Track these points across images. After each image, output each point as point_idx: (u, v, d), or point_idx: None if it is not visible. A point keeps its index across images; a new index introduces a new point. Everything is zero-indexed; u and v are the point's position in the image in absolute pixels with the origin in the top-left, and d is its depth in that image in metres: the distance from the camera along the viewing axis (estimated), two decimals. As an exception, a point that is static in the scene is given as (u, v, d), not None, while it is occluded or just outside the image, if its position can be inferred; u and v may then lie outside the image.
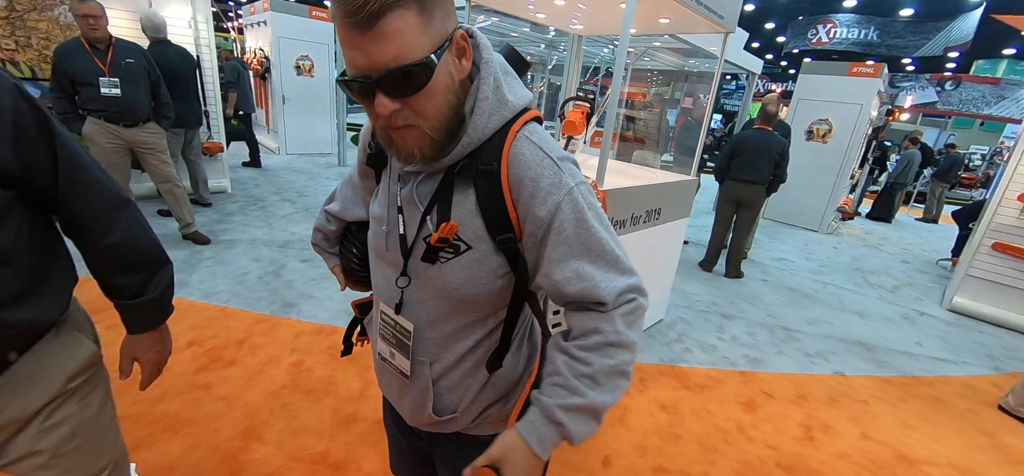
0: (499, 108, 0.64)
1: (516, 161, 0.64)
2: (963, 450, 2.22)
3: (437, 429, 0.81)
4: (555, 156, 0.65)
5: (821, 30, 11.92)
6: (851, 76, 6.03)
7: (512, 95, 0.66)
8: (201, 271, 3.03)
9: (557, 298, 0.68)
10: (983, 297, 3.98)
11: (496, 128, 0.64)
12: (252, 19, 7.47)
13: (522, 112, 0.67)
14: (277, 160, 6.87)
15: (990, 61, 13.75)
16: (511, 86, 0.67)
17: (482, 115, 0.63)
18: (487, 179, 0.64)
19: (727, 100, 17.78)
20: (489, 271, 0.67)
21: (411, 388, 0.78)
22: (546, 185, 0.63)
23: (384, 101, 0.56)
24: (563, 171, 0.64)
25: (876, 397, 2.57)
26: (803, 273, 4.60)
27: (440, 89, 0.59)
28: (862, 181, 7.98)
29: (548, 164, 0.64)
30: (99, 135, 2.86)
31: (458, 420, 0.78)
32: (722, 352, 2.83)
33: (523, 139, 0.65)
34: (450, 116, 0.61)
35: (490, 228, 0.66)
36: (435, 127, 0.60)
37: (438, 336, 0.73)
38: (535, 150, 0.64)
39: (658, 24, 2.64)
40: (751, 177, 3.84)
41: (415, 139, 0.61)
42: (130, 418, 1.77)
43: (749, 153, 3.82)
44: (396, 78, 0.55)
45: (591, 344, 0.64)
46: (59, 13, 3.62)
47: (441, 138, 0.62)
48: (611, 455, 1.89)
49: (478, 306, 0.71)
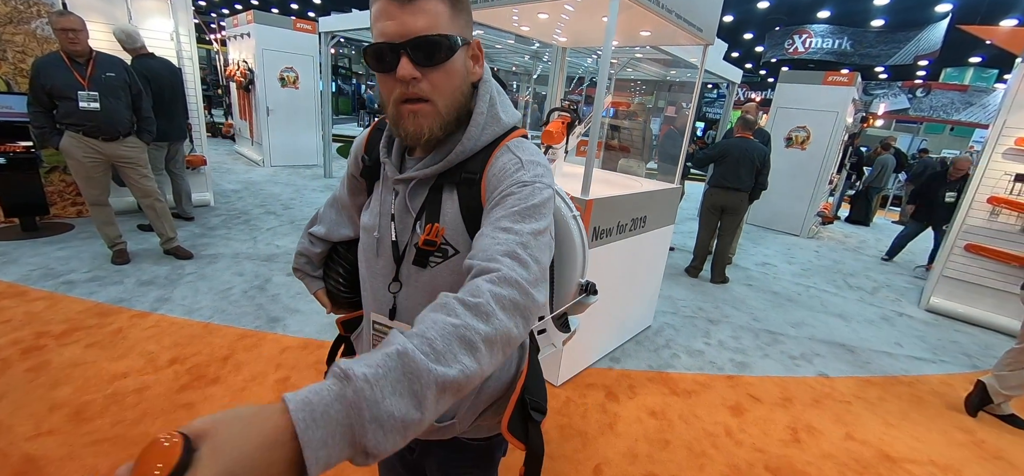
0: (492, 123, 0.70)
1: (493, 169, 0.68)
2: (943, 447, 2.28)
3: (435, 436, 0.81)
4: (525, 158, 0.69)
5: (797, 40, 12.28)
6: (827, 85, 6.22)
7: (504, 114, 0.73)
8: (183, 287, 2.97)
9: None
10: (958, 297, 4.11)
11: (488, 141, 0.70)
12: (235, 31, 7.41)
13: (511, 130, 0.73)
14: (261, 173, 6.79)
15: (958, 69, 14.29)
16: (504, 105, 0.73)
17: (477, 127, 0.69)
18: (469, 185, 0.69)
19: (709, 108, 18.14)
20: None
21: None
22: (504, 176, 0.67)
23: (407, 65, 0.61)
24: (525, 168, 0.67)
25: (858, 397, 2.62)
26: (786, 277, 4.70)
27: (458, 72, 0.66)
28: (840, 186, 8.20)
29: (514, 161, 0.68)
30: (77, 149, 2.80)
31: (456, 426, 0.79)
32: (709, 357, 2.87)
33: (504, 150, 0.70)
34: (461, 104, 0.68)
35: (471, 231, 0.69)
36: (447, 106, 0.66)
37: None
38: (511, 156, 0.69)
39: (639, 36, 2.70)
40: (734, 184, 3.92)
41: (426, 115, 0.65)
42: (108, 440, 1.72)
43: (731, 160, 3.90)
44: (423, 45, 0.61)
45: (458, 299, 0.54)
46: (36, 26, 3.55)
47: (450, 121, 0.67)
48: (601, 463, 1.89)
49: None
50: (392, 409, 0.41)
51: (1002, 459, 2.23)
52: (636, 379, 2.52)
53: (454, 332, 0.47)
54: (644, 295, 2.95)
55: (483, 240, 0.60)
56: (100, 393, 1.95)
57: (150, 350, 2.28)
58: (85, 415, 1.82)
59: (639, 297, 2.89)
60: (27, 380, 1.98)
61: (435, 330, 0.47)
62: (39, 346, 2.21)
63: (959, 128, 13.95)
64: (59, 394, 1.92)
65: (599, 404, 2.27)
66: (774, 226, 6.83)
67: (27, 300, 2.60)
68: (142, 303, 2.71)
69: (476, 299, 0.51)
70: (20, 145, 3.32)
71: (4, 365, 2.05)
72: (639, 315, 2.99)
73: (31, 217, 3.53)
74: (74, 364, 2.11)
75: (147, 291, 2.86)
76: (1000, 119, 3.81)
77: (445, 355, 0.46)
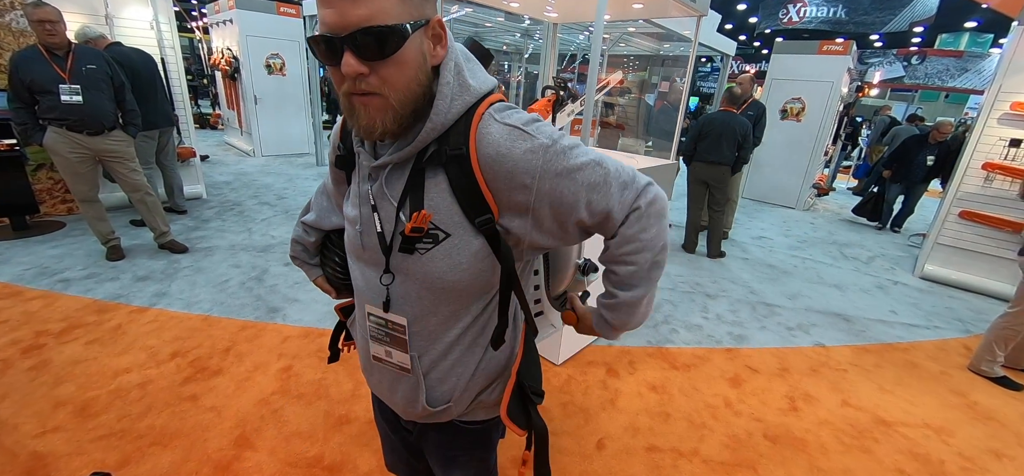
0: (461, 92, 0.64)
1: (484, 141, 0.63)
2: (936, 409, 2.33)
3: (432, 420, 0.81)
4: (521, 124, 0.64)
5: (791, 9, 12.10)
6: (821, 54, 6.16)
7: (474, 80, 0.66)
8: (180, 281, 2.95)
9: (586, 234, 0.74)
10: (952, 264, 4.15)
11: (460, 112, 0.64)
12: (217, 18, 7.22)
13: (485, 96, 0.67)
14: (253, 163, 6.70)
15: (953, 35, 14.19)
16: (473, 71, 0.67)
17: (444, 99, 0.63)
18: (457, 163, 0.64)
19: (703, 82, 17.98)
20: (470, 256, 0.67)
21: (402, 383, 0.78)
22: (521, 160, 0.63)
23: (351, 61, 0.56)
24: (532, 134, 0.64)
25: (854, 365, 2.67)
26: (782, 249, 4.73)
27: (410, 63, 0.59)
28: (836, 157, 8.18)
29: (517, 136, 0.63)
30: (61, 145, 2.74)
31: (452, 409, 0.79)
32: (707, 331, 2.90)
33: (488, 118, 0.65)
34: (418, 94, 0.62)
35: (466, 211, 0.65)
36: (401, 100, 0.60)
37: (424, 329, 0.73)
38: (501, 128, 0.64)
39: (632, 9, 2.66)
40: (715, 158, 3.93)
41: (378, 109, 0.60)
42: (114, 435, 1.73)
43: (713, 135, 3.90)
44: (366, 40, 0.55)
45: (614, 256, 0.72)
46: (11, 18, 3.44)
47: (405, 113, 0.62)
48: (604, 438, 1.93)
49: (462, 294, 0.71)
50: (618, 320, 0.78)
51: (994, 420, 2.29)
52: (636, 355, 2.55)
53: (637, 271, 0.72)
54: (642, 272, 2.95)
55: (582, 213, 0.68)
56: (104, 389, 1.95)
57: (151, 345, 2.28)
58: (90, 411, 1.83)
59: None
60: (29, 379, 1.98)
61: (629, 276, 0.73)
62: (39, 345, 2.20)
63: (954, 95, 13.92)
64: (62, 391, 1.92)
65: (600, 381, 2.29)
66: (770, 199, 6.84)
67: (23, 299, 2.59)
68: (140, 298, 2.70)
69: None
70: (4, 143, 3.25)
71: (5, 365, 2.05)
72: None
73: (21, 216, 3.48)
74: (75, 361, 2.11)
75: (144, 286, 2.84)
76: (996, 84, 3.80)
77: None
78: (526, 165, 0.63)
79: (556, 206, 0.66)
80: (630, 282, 0.72)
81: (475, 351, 0.76)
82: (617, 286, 0.74)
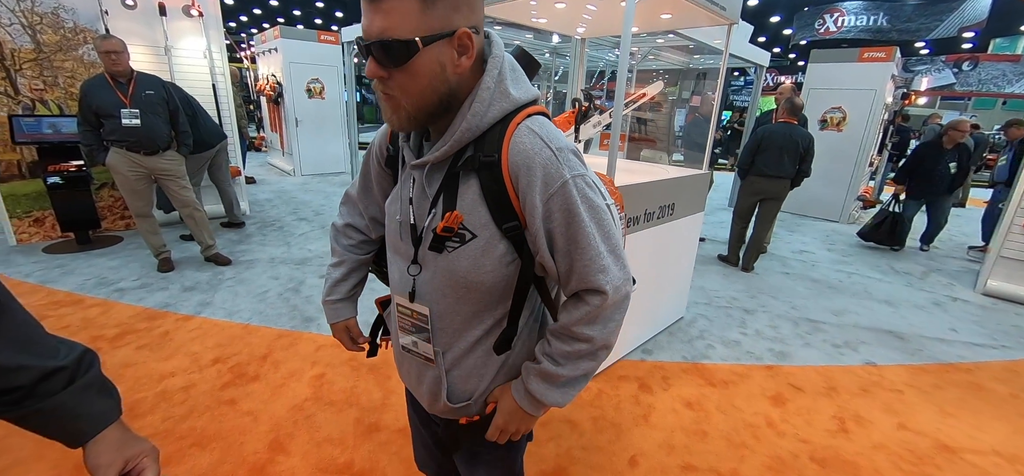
0: (500, 99, 0.66)
1: (515, 150, 0.65)
2: (1008, 436, 2.12)
3: (452, 415, 0.82)
4: (554, 146, 0.66)
5: (828, 20, 11.76)
6: (862, 62, 5.92)
7: (515, 88, 0.68)
8: (223, 291, 3.09)
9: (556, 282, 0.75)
10: (1017, 279, 3.82)
11: (496, 118, 0.66)
12: (264, 47, 7.70)
13: (526, 106, 0.69)
14: (293, 182, 7.02)
15: (1008, 39, 13.36)
16: (516, 80, 0.69)
17: (482, 103, 0.65)
18: (489, 169, 0.66)
19: (735, 96, 17.58)
20: (496, 258, 0.69)
21: (428, 374, 0.80)
22: (542, 175, 0.65)
23: (372, 65, 0.62)
24: (562, 162, 0.65)
25: (910, 386, 2.48)
26: (825, 264, 4.49)
27: (424, 74, 0.62)
28: (882, 168, 7.76)
29: (547, 154, 0.65)
30: (122, 164, 2.97)
31: (471, 407, 0.80)
32: (746, 347, 2.77)
33: (524, 129, 0.66)
34: (433, 102, 0.64)
35: (495, 216, 0.67)
36: (413, 105, 0.64)
37: (448, 326, 0.75)
38: (535, 139, 0.66)
39: (660, 21, 2.64)
40: (775, 172, 3.77)
41: (396, 110, 0.66)
42: (159, 435, 1.81)
43: (774, 148, 3.75)
44: (380, 50, 0.60)
45: (556, 331, 0.74)
46: (83, 52, 3.78)
47: (419, 117, 0.66)
48: (637, 454, 1.85)
49: (486, 293, 0.72)
50: (541, 392, 0.75)
51: (1077, 448, 2.06)
52: (670, 370, 2.46)
53: (571, 354, 0.74)
54: (675, 285, 2.87)
55: (559, 259, 0.70)
56: (150, 391, 2.05)
57: (195, 350, 2.38)
58: (137, 412, 1.92)
59: (670, 287, 2.82)
60: (85, 381, 2.10)
61: (561, 356, 0.74)
62: (95, 349, 2.33)
63: (1013, 101, 13.02)
64: (113, 393, 2.03)
65: (632, 396, 2.22)
66: (810, 212, 6.54)
67: (83, 307, 2.77)
68: (186, 307, 2.84)
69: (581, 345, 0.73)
70: (73, 164, 3.55)
71: (64, 367, 2.18)
72: (671, 306, 2.92)
73: (85, 231, 3.76)
74: (126, 365, 2.23)
75: (190, 296, 2.99)
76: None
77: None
78: (543, 184, 0.65)
79: (549, 234, 0.68)
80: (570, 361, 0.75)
81: (497, 355, 0.78)
82: (547, 359, 0.75)
